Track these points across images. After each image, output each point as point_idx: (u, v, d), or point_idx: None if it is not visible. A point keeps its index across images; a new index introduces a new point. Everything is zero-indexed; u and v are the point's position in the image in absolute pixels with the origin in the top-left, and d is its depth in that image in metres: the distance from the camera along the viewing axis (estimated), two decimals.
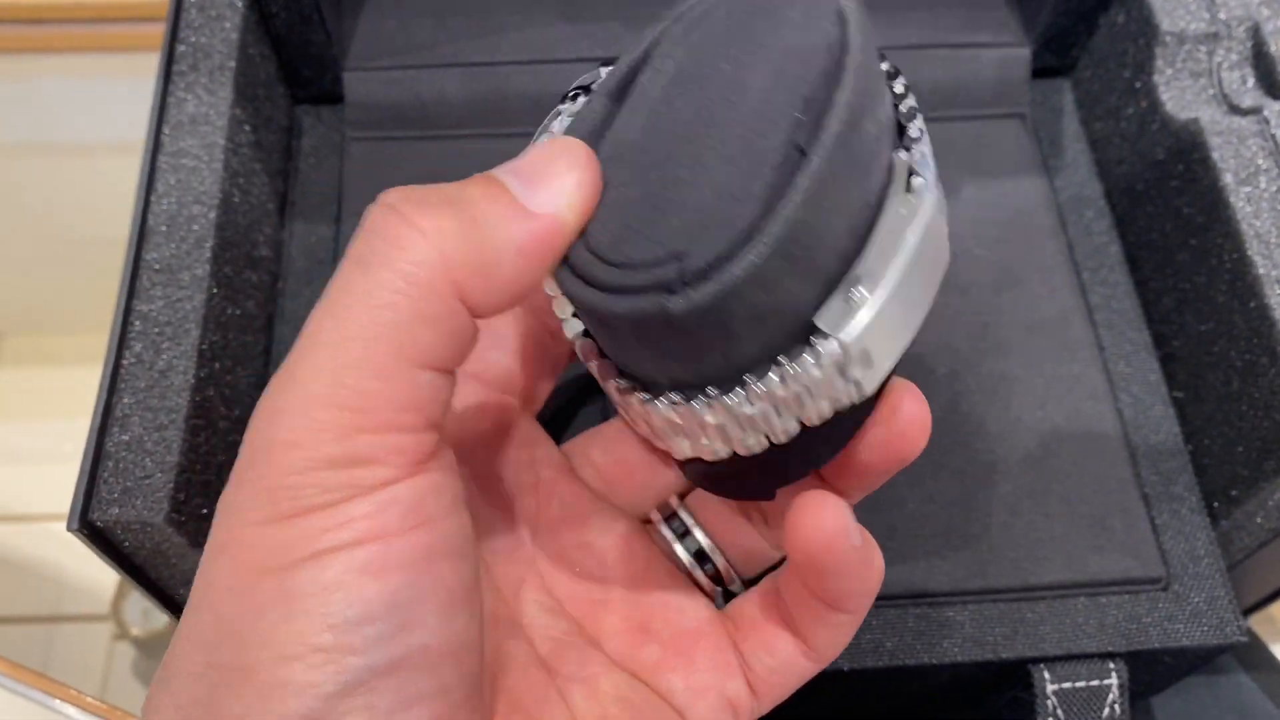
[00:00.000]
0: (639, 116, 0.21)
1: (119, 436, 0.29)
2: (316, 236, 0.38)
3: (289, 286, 0.37)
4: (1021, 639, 0.32)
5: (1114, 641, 0.32)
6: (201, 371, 0.31)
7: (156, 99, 0.34)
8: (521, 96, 0.39)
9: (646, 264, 0.20)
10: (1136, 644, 0.32)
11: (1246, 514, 0.33)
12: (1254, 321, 0.32)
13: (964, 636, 0.32)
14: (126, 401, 0.29)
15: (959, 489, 0.34)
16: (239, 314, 0.34)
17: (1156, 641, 0.32)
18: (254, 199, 0.36)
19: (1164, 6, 0.37)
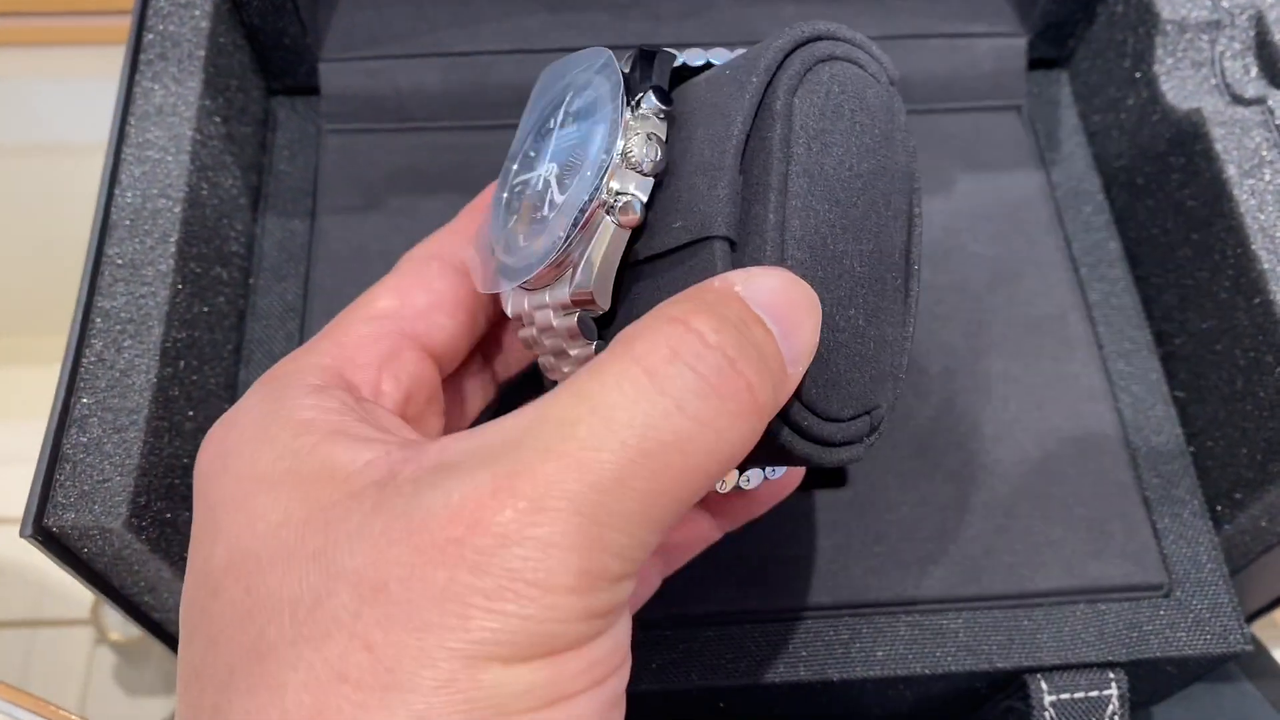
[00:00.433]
0: (804, 253, 0.21)
1: (77, 438, 0.28)
2: (290, 231, 0.37)
3: (261, 283, 0.36)
4: (1018, 648, 0.31)
5: (1114, 650, 0.31)
6: (165, 370, 0.29)
7: (122, 89, 0.33)
8: (503, 87, 0.38)
9: (852, 418, 0.22)
10: (1137, 653, 0.31)
11: (1251, 518, 0.32)
12: (1258, 318, 0.31)
13: (958, 645, 0.31)
14: (85, 401, 0.28)
15: (953, 492, 0.33)
16: (206, 311, 0.33)
17: (1158, 650, 0.31)
18: (224, 192, 0.35)
19: None
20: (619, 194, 0.22)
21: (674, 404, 0.18)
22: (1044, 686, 0.31)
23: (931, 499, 0.33)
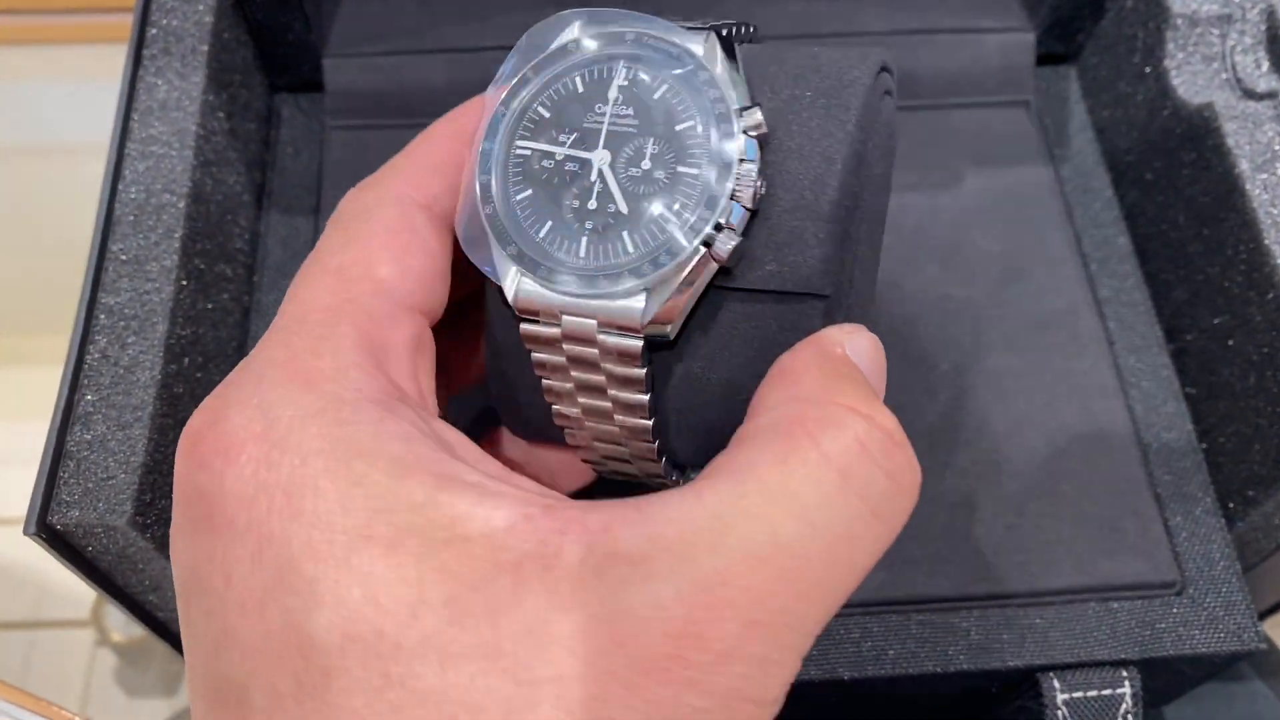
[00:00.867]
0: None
1: (81, 435, 0.28)
2: (294, 228, 0.37)
3: (265, 280, 0.36)
4: (1030, 646, 0.31)
5: (1126, 648, 0.31)
6: (170, 367, 0.29)
7: (125, 84, 0.33)
8: None
9: None
10: (1150, 651, 0.31)
11: (1264, 515, 0.32)
12: (1271, 314, 0.31)
13: (969, 644, 0.31)
14: (89, 399, 0.28)
15: (963, 490, 0.32)
16: (211, 307, 0.32)
17: (1170, 648, 0.31)
18: (228, 188, 0.35)
19: None
20: (719, 225, 0.20)
21: (870, 510, 0.18)
22: (1057, 685, 0.30)
23: (942, 497, 0.32)
